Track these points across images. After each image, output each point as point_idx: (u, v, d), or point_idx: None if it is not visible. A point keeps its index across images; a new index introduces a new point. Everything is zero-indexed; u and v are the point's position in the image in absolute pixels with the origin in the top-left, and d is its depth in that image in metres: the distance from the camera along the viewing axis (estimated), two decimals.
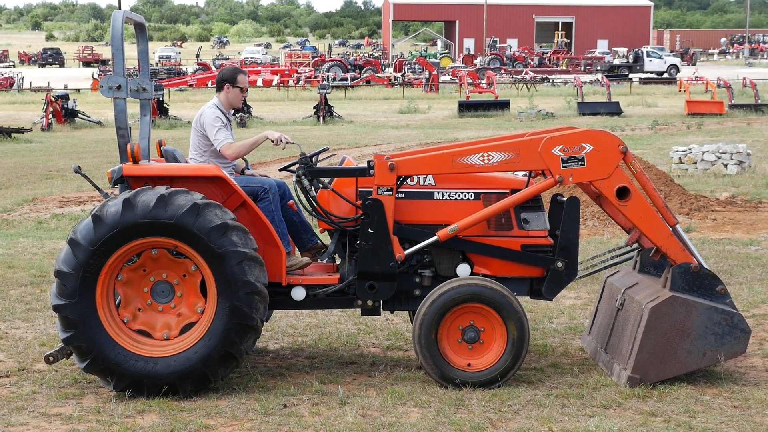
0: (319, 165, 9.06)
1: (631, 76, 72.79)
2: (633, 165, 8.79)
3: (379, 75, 72.98)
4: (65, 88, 54.44)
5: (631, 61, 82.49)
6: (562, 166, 8.65)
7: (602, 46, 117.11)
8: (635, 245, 9.24)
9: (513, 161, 8.70)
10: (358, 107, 51.23)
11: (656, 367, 8.49)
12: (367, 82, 68.31)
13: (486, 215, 8.74)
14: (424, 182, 8.91)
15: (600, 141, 8.67)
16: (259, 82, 64.68)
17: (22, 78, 66.27)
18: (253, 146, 9.11)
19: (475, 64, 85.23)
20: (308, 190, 8.80)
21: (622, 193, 8.69)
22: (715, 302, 8.56)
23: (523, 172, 9.36)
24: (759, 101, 44.82)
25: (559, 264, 8.85)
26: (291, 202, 9.20)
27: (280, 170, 9.35)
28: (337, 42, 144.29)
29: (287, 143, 9.14)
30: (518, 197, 8.74)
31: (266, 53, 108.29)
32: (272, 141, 9.11)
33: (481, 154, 8.68)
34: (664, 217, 8.88)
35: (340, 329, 10.56)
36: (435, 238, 8.69)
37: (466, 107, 45.32)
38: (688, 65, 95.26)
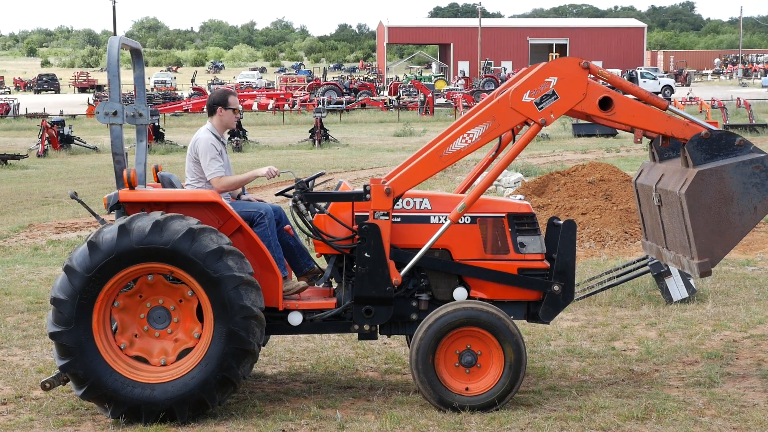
0: (315, 189, 9.07)
1: None
2: (601, 74, 8.71)
3: (374, 98, 73.09)
4: (61, 114, 54.56)
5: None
6: (539, 109, 8.56)
7: None
8: (637, 261, 9.12)
9: (493, 128, 8.62)
10: (353, 131, 51.30)
11: (718, 242, 8.42)
12: (363, 106, 68.41)
13: (489, 181, 8.66)
14: (420, 206, 8.91)
15: (561, 68, 8.58)
16: (255, 107, 64.74)
17: (18, 104, 66.28)
18: (242, 183, 9.20)
19: (471, 87, 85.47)
20: (304, 215, 8.80)
21: (605, 103, 8.59)
22: (740, 156, 8.46)
23: (520, 197, 9.37)
24: (753, 121, 44.94)
25: (556, 287, 8.85)
26: (287, 226, 9.21)
27: (277, 195, 9.36)
28: (332, 66, 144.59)
29: (278, 174, 9.20)
30: (512, 153, 8.65)
31: (261, 77, 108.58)
32: (264, 176, 9.16)
33: (461, 137, 8.61)
34: (653, 104, 8.75)
35: (337, 353, 10.54)
36: (448, 222, 8.66)
37: None
38: (682, 86, 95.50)
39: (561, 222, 9.02)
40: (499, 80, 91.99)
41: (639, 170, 9.58)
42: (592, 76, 8.59)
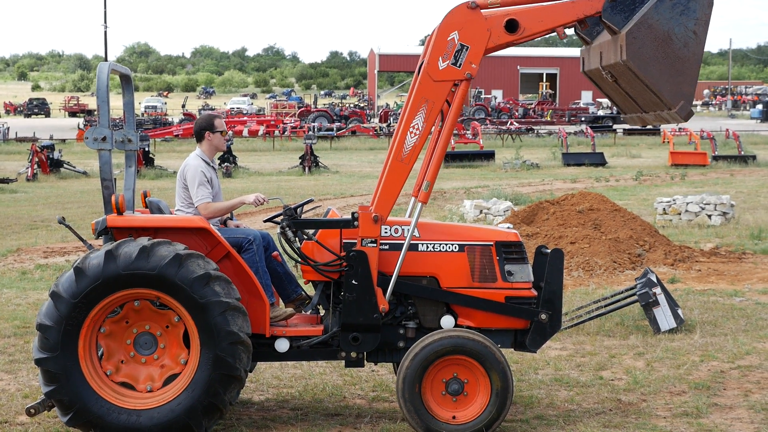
0: (303, 216, 9.08)
1: (615, 127, 73.21)
2: (492, 3, 8.55)
3: (364, 125, 73.18)
4: (51, 138, 54.46)
5: (615, 112, 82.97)
6: (459, 67, 8.53)
7: (586, 97, 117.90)
8: (625, 291, 9.14)
9: (431, 109, 8.60)
10: (343, 157, 51.36)
11: (682, 81, 8.40)
12: (353, 133, 68.48)
13: (442, 152, 8.76)
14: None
15: (455, 20, 8.49)
16: (245, 133, 64.79)
17: (8, 128, 66.18)
18: (229, 209, 9.20)
19: (461, 115, 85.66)
20: (292, 242, 8.80)
21: (511, 26, 8.52)
22: None
23: (508, 225, 9.38)
24: (742, 152, 45.11)
25: (543, 316, 8.84)
26: (275, 253, 9.20)
27: (265, 221, 9.36)
28: (322, 92, 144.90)
29: (265, 201, 9.20)
30: (452, 118, 8.68)
31: (252, 103, 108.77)
32: (251, 203, 9.17)
33: (408, 133, 8.65)
34: None
35: (325, 380, 10.52)
36: (420, 205, 8.66)
37: (451, 158, 45.42)
38: None
39: (549, 251, 9.03)
40: (490, 109, 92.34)
41: (581, 60, 9.58)
42: (484, 10, 8.52)
